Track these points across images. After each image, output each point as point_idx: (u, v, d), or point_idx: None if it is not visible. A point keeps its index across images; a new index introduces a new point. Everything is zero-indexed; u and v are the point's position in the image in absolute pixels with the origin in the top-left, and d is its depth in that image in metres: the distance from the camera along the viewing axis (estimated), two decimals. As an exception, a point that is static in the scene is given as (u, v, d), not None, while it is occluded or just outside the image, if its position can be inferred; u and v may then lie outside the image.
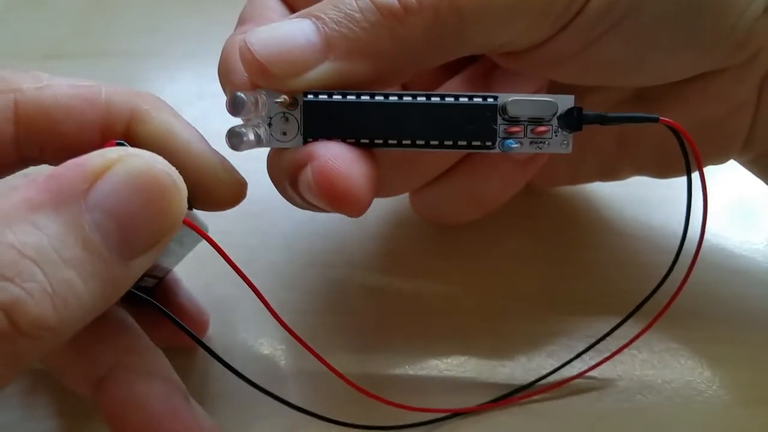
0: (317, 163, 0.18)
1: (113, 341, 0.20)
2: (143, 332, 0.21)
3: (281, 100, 0.19)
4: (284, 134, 0.19)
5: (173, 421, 0.19)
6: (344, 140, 0.19)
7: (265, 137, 0.19)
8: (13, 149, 0.19)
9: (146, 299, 0.21)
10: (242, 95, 0.18)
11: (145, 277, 0.21)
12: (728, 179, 0.30)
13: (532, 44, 0.21)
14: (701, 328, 0.26)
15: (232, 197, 0.21)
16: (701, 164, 0.21)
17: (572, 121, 0.20)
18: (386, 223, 0.30)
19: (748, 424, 0.24)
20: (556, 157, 0.26)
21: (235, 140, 0.18)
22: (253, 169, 0.22)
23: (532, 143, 0.20)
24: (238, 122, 0.19)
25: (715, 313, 0.27)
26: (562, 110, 0.20)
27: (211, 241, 0.19)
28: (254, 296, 0.20)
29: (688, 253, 0.22)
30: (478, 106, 0.19)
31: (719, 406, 0.25)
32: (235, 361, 0.21)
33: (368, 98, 0.19)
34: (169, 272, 0.24)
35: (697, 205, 0.22)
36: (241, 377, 0.21)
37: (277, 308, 0.21)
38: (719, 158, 0.26)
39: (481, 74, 0.23)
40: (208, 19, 0.36)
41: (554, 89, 0.23)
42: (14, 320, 0.14)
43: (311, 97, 0.19)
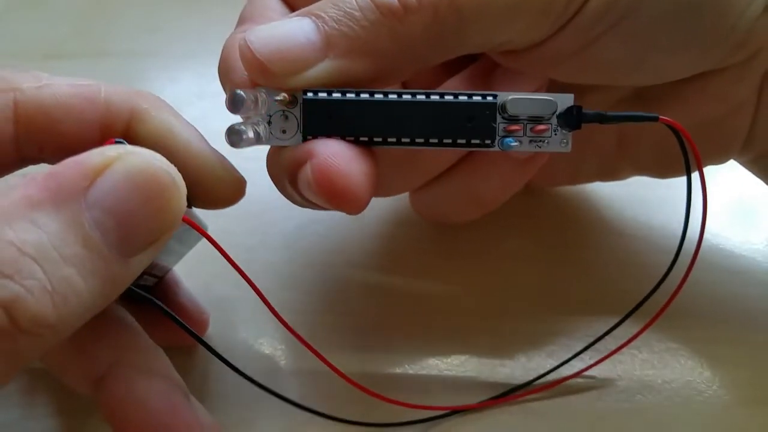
0: (316, 160, 0.18)
1: (113, 339, 0.20)
2: (143, 330, 0.21)
3: (281, 98, 0.19)
4: (284, 132, 0.19)
5: (173, 418, 0.19)
6: (344, 138, 0.19)
7: (264, 135, 0.19)
8: (12, 148, 0.19)
9: (146, 297, 0.21)
10: (242, 93, 0.18)
11: (144, 275, 0.21)
12: (728, 179, 0.30)
13: (531, 43, 0.21)
14: (701, 328, 0.26)
15: (231, 195, 0.21)
16: (701, 164, 0.21)
17: (572, 119, 0.20)
18: (386, 222, 0.30)
19: (748, 424, 0.24)
20: (555, 156, 0.26)
21: (234, 137, 0.18)
22: (253, 169, 0.22)
23: (531, 142, 0.20)
24: (237, 120, 0.19)
25: (715, 313, 0.27)
26: (561, 109, 0.20)
27: (210, 239, 0.19)
28: (254, 296, 0.20)
29: (688, 253, 0.22)
30: (477, 104, 0.19)
31: (719, 406, 0.25)
32: (235, 360, 0.21)
33: (368, 96, 0.19)
34: (168, 271, 0.24)
35: (696, 204, 0.22)
36: (240, 374, 0.21)
37: (277, 308, 0.21)
38: (719, 158, 0.26)
39: (481, 73, 0.23)
40: (208, 19, 0.36)
41: (554, 88, 0.23)
42: (14, 317, 0.14)
43: (311, 95, 0.19)
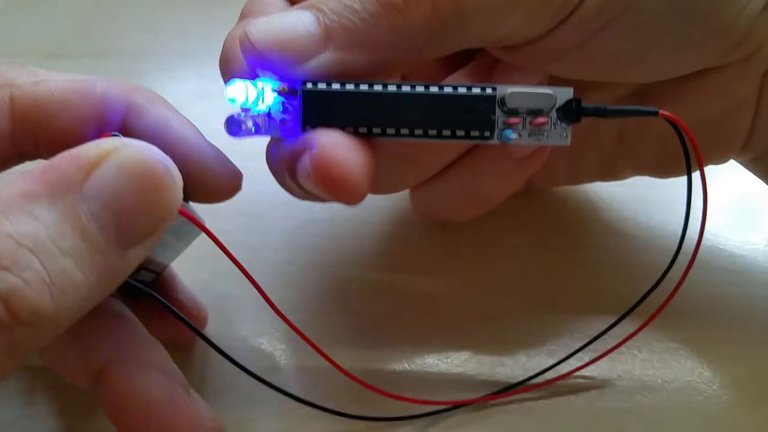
0: (315, 150, 0.18)
1: (112, 333, 0.20)
2: (141, 324, 0.21)
3: (280, 88, 0.19)
4: (283, 124, 0.19)
5: (173, 411, 0.19)
6: (342, 129, 0.19)
7: (263, 126, 0.19)
8: (9, 144, 0.19)
9: (145, 290, 0.21)
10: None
11: (142, 271, 0.21)
12: (728, 179, 0.30)
13: (531, 37, 0.21)
14: (701, 327, 0.26)
15: (227, 189, 0.21)
16: (701, 159, 0.21)
17: (571, 113, 0.19)
18: (387, 222, 0.30)
19: (748, 423, 0.24)
20: (555, 156, 0.26)
21: (233, 127, 0.19)
22: (253, 168, 0.22)
23: (530, 135, 0.20)
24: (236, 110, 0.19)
25: (715, 313, 0.27)
26: (560, 102, 0.20)
27: (208, 232, 0.19)
28: (254, 295, 0.20)
29: (688, 253, 0.22)
30: (476, 96, 0.19)
31: (719, 406, 0.25)
32: (234, 358, 0.21)
33: (367, 87, 0.19)
34: (166, 268, 0.24)
35: (697, 204, 0.22)
36: (239, 367, 0.21)
37: (277, 307, 0.20)
38: (720, 157, 0.26)
39: (481, 70, 0.23)
40: (208, 19, 0.36)
41: (554, 85, 0.23)
42: (12, 309, 0.14)
43: (310, 85, 0.19)
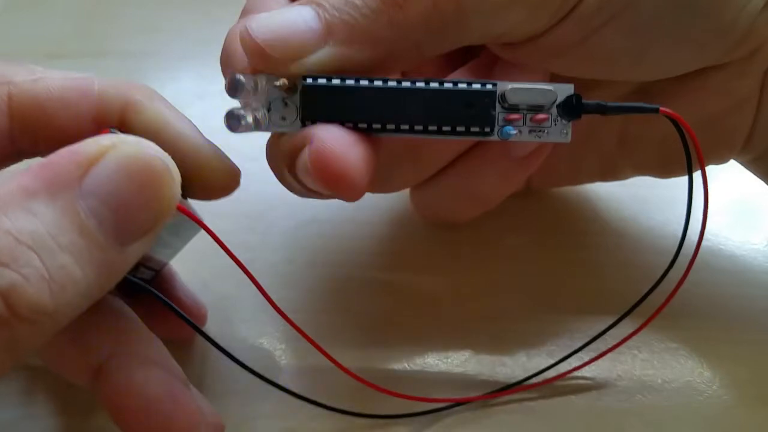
0: (314, 144, 0.18)
1: (111, 329, 0.20)
2: (141, 321, 0.21)
3: (280, 83, 0.19)
4: (283, 119, 0.19)
5: (173, 406, 0.19)
6: (342, 124, 0.19)
7: (263, 121, 0.19)
8: (7, 142, 0.19)
9: (145, 287, 0.21)
10: (241, 77, 0.18)
11: (141, 268, 0.21)
12: (728, 179, 0.30)
13: (532, 34, 0.21)
14: (701, 327, 0.26)
15: (225, 185, 0.21)
16: (702, 158, 0.21)
17: (571, 109, 0.19)
18: (387, 222, 0.30)
19: (748, 423, 0.24)
20: (556, 156, 0.26)
21: (233, 122, 0.18)
22: (253, 169, 0.22)
23: (531, 132, 0.20)
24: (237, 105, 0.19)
25: (715, 313, 0.27)
26: (561, 98, 0.20)
27: (207, 228, 0.19)
28: (254, 295, 0.20)
29: (688, 253, 0.22)
30: (476, 91, 0.19)
31: (719, 406, 0.25)
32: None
33: (367, 83, 0.19)
34: (165, 265, 0.24)
35: (697, 204, 0.22)
36: (239, 364, 0.21)
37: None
38: (720, 157, 0.26)
39: (482, 68, 0.23)
40: (208, 19, 0.36)
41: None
42: (12, 305, 0.14)
43: (310, 80, 0.19)
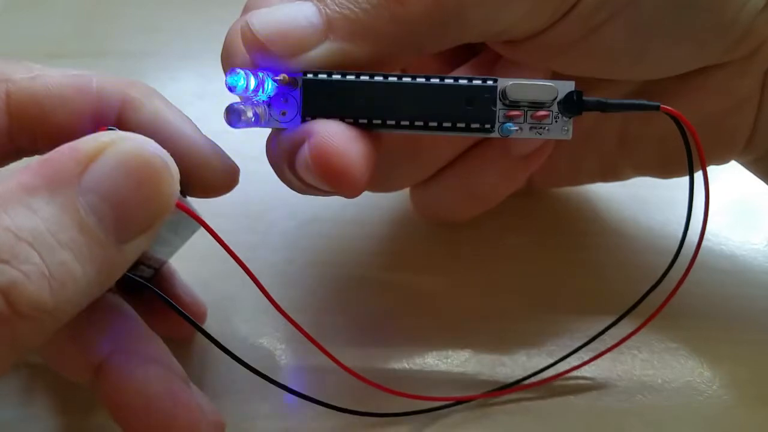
0: (314, 139, 0.18)
1: (111, 327, 0.20)
2: (140, 318, 0.21)
3: (280, 78, 0.19)
4: (283, 114, 0.19)
5: (173, 404, 0.19)
6: (342, 120, 0.19)
7: (263, 116, 0.19)
8: (6, 140, 0.19)
9: (145, 284, 0.20)
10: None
11: (141, 266, 0.21)
12: (729, 179, 0.30)
13: (532, 31, 0.21)
14: (701, 327, 0.26)
15: (224, 182, 0.21)
16: (704, 156, 0.21)
17: (572, 105, 0.19)
18: (387, 222, 0.30)
19: (748, 423, 0.24)
20: (557, 156, 0.26)
21: (233, 117, 0.18)
22: (253, 169, 0.22)
23: (531, 128, 0.20)
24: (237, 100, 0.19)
25: (715, 313, 0.27)
26: (562, 95, 0.19)
27: (206, 226, 0.19)
28: (254, 295, 0.20)
29: (688, 253, 0.22)
30: (477, 87, 0.19)
31: (719, 406, 0.25)
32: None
33: (367, 78, 0.19)
34: (164, 264, 0.24)
35: (697, 204, 0.22)
36: (239, 362, 0.21)
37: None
38: (721, 157, 0.26)
39: (483, 66, 0.23)
40: (208, 19, 0.36)
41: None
42: (12, 302, 0.14)
43: (310, 76, 0.19)
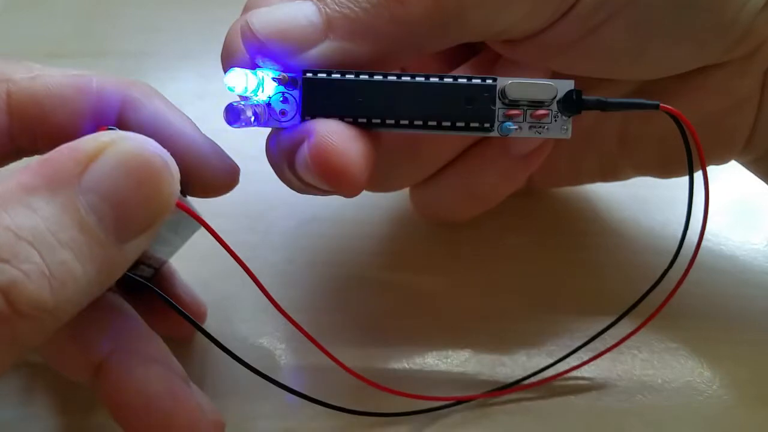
0: (314, 138, 0.18)
1: (111, 326, 0.20)
2: (140, 318, 0.21)
3: (280, 77, 0.19)
4: (283, 114, 0.19)
5: (173, 403, 0.19)
6: (342, 119, 0.19)
7: (263, 116, 0.19)
8: (6, 140, 0.19)
9: (145, 284, 0.20)
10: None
11: (141, 266, 0.21)
12: (728, 179, 0.30)
13: (532, 32, 0.21)
14: (701, 327, 0.26)
15: (224, 182, 0.21)
16: (703, 156, 0.21)
17: (572, 104, 0.19)
18: (387, 222, 0.30)
19: (748, 423, 0.24)
20: (557, 156, 0.26)
21: (232, 116, 0.18)
22: (253, 169, 0.22)
23: (531, 127, 0.20)
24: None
25: (715, 313, 0.27)
26: (561, 94, 0.19)
27: (206, 225, 0.19)
28: (254, 295, 0.20)
29: (688, 253, 0.22)
30: (476, 86, 0.19)
31: (719, 406, 0.25)
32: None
33: (367, 77, 0.19)
34: (165, 263, 0.24)
35: (697, 204, 0.22)
36: (239, 361, 0.21)
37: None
38: (721, 157, 0.26)
39: (483, 65, 0.23)
40: (208, 19, 0.36)
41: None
42: (12, 302, 0.14)
43: (310, 75, 0.19)
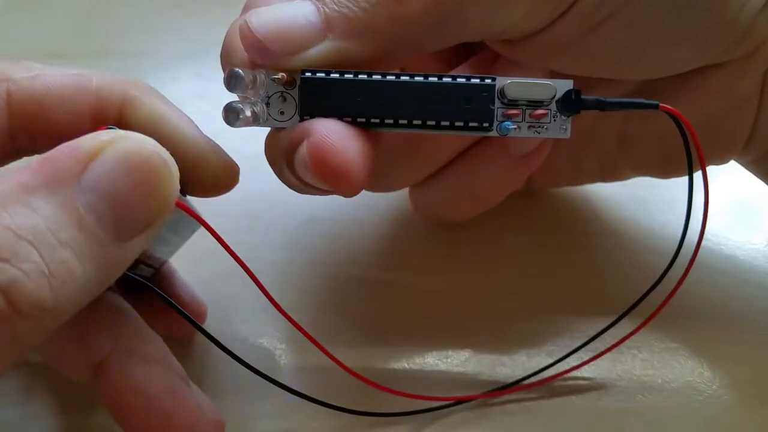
0: (312, 137, 0.18)
1: (111, 326, 0.20)
2: (140, 317, 0.21)
3: (279, 77, 0.19)
4: (282, 114, 0.19)
5: (173, 403, 0.19)
6: (341, 119, 0.19)
7: (262, 116, 0.19)
8: (6, 139, 0.19)
9: (145, 283, 0.20)
10: (240, 71, 0.18)
11: (141, 265, 0.21)
12: (728, 179, 0.30)
13: (531, 31, 0.21)
14: (701, 327, 0.26)
15: (224, 181, 0.21)
16: (703, 156, 0.21)
17: (571, 104, 0.19)
18: (387, 222, 0.30)
19: (748, 423, 0.24)
20: (556, 156, 0.26)
21: (231, 115, 0.18)
22: (253, 168, 0.22)
23: (530, 127, 0.20)
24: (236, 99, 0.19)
25: (715, 313, 0.27)
26: (560, 94, 0.19)
27: (206, 224, 0.19)
28: (254, 295, 0.20)
29: (687, 253, 0.22)
30: (475, 86, 0.19)
31: (719, 406, 0.25)
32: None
33: (366, 77, 0.19)
34: (165, 263, 0.24)
35: (697, 204, 0.22)
36: (239, 361, 0.21)
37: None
38: (721, 157, 0.26)
39: (482, 65, 0.23)
40: (208, 19, 0.36)
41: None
42: (12, 301, 0.14)
43: (309, 74, 0.19)
